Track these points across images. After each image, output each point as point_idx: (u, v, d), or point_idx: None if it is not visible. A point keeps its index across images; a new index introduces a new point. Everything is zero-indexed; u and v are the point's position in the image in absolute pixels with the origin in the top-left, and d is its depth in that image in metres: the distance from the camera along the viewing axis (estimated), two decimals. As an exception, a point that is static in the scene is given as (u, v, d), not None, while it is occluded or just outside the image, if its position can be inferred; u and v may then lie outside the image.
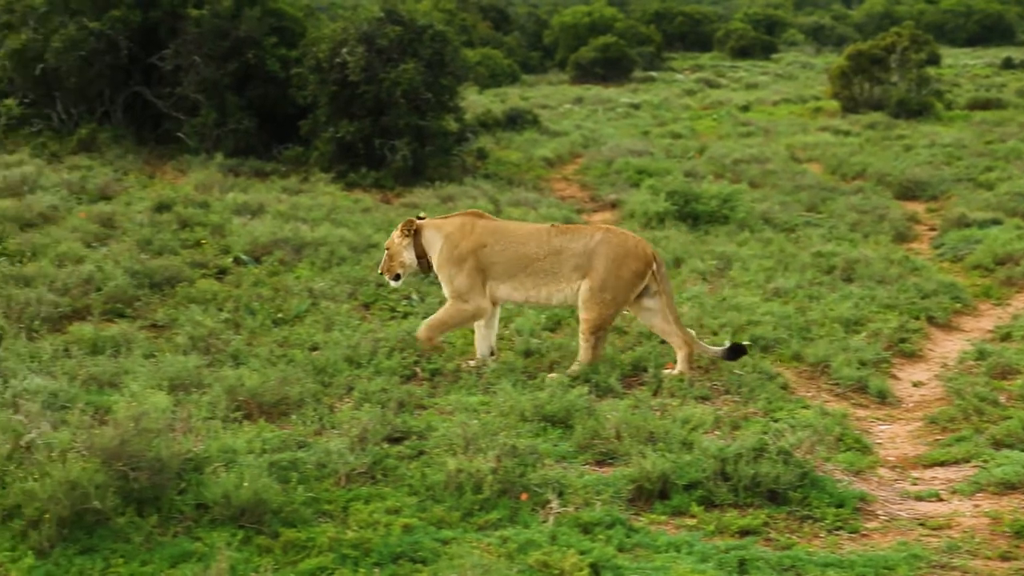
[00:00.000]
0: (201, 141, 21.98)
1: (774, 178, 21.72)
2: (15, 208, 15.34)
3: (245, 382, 8.79)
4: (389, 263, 10.70)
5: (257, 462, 7.16)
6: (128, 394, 8.16)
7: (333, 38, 21.78)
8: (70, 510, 6.20)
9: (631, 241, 10.36)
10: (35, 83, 22.97)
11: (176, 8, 22.68)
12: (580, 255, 10.22)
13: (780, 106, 36.71)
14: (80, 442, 6.71)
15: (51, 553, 6.10)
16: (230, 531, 6.44)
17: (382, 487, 7.33)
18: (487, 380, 9.69)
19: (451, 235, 10.46)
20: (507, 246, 10.34)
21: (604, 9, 53.18)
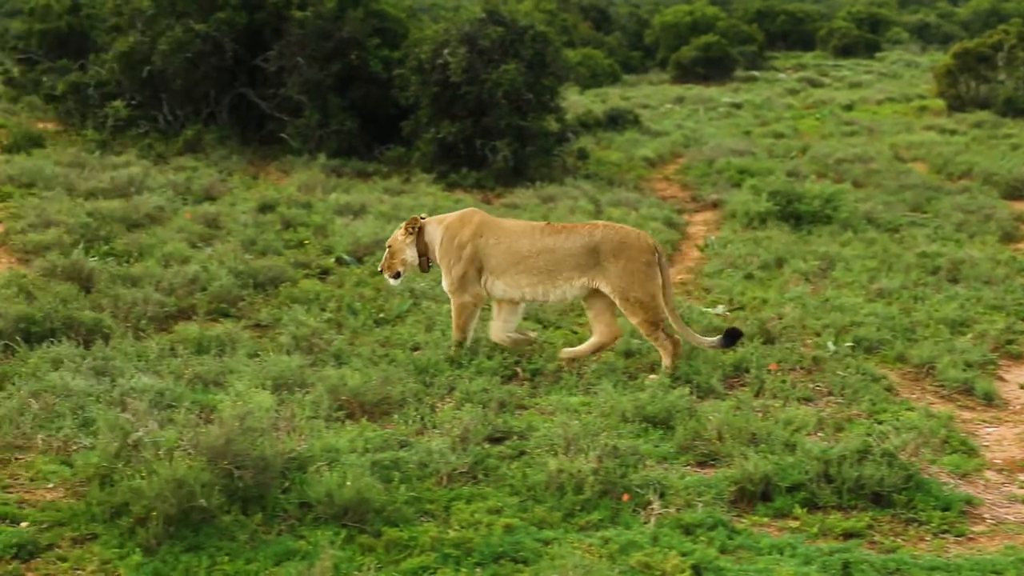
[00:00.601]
0: (304, 142, 22.17)
1: (878, 177, 21.46)
2: (123, 209, 15.57)
3: (347, 381, 8.84)
4: (390, 261, 10.78)
5: (360, 461, 7.20)
6: (233, 393, 8.25)
7: (435, 39, 21.86)
8: (177, 508, 6.28)
9: (632, 234, 10.36)
10: (142, 85, 23.31)
11: (280, 10, 22.89)
12: (579, 254, 10.22)
13: (884, 105, 36.28)
14: (186, 441, 6.79)
15: (158, 550, 6.18)
16: (333, 530, 6.49)
17: (483, 487, 7.34)
18: (588, 380, 9.67)
19: (450, 226, 10.57)
20: (500, 241, 10.40)
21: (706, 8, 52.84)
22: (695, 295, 13.22)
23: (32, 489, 7.04)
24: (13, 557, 6.14)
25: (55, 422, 7.81)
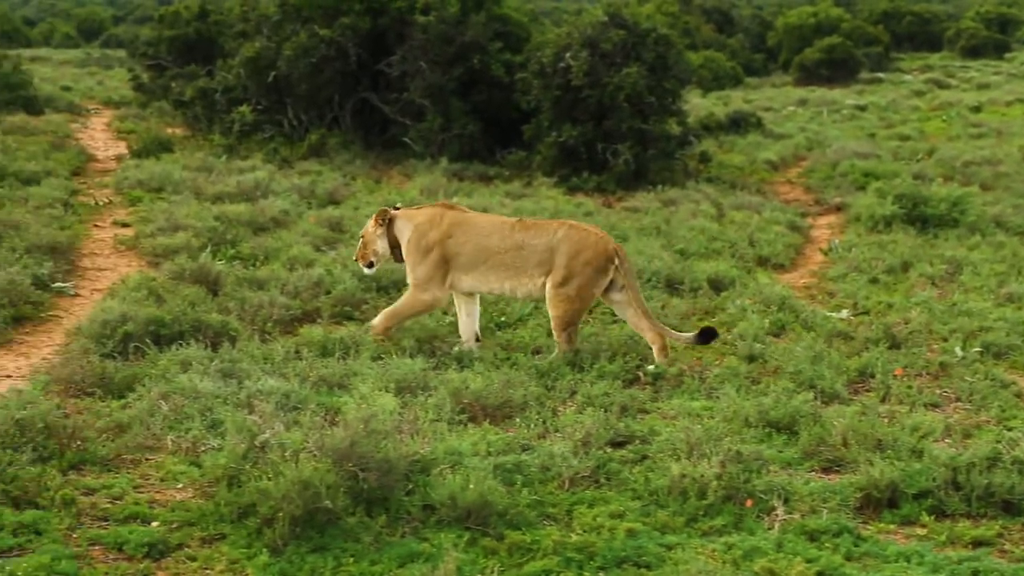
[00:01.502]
0: (426, 146, 22.32)
1: (1007, 180, 21.06)
2: (249, 212, 15.79)
3: (470, 385, 8.88)
4: (363, 251, 11.04)
5: (482, 464, 7.23)
6: (357, 396, 8.33)
7: (557, 43, 21.89)
8: (302, 509, 6.35)
9: (592, 236, 10.47)
10: (267, 90, 23.63)
11: (404, 15, 23.06)
12: (543, 251, 10.39)
13: (1014, 106, 35.60)
14: (312, 442, 6.87)
15: (284, 551, 6.25)
16: (456, 532, 6.52)
17: (606, 491, 7.33)
18: (710, 385, 9.62)
19: (420, 225, 10.70)
20: (470, 238, 10.55)
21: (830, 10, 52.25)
22: (819, 299, 13.08)
23: (162, 489, 7.16)
24: (145, 556, 6.26)
25: (184, 423, 7.94)
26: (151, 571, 6.14)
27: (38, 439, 7.30)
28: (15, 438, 7.19)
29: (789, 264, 15.25)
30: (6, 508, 6.56)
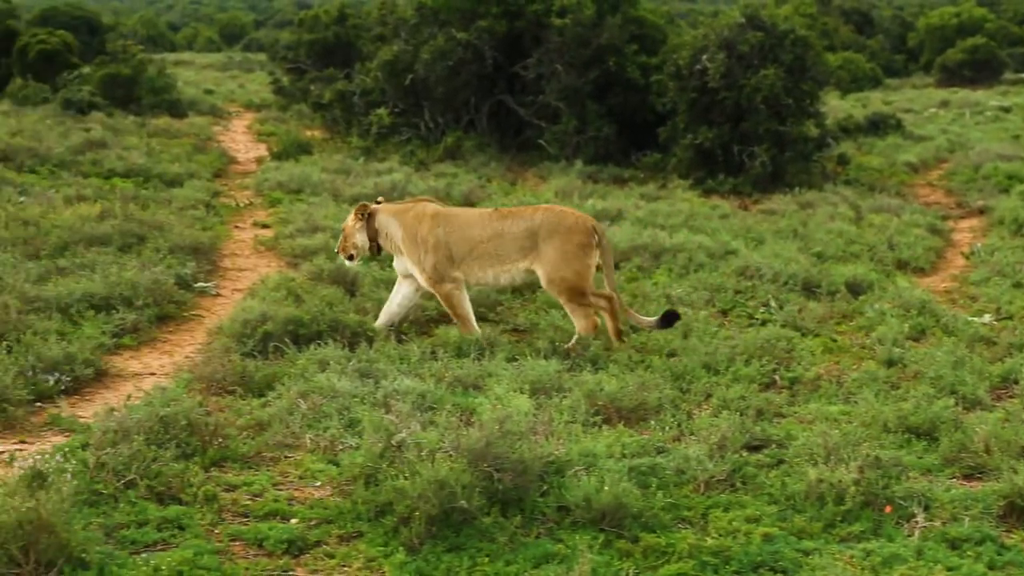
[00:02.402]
0: (561, 148, 22.35)
1: None
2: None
3: (604, 387, 8.87)
4: (344, 244, 11.34)
5: (617, 466, 7.22)
6: (492, 397, 8.36)
7: (693, 45, 21.81)
8: (438, 508, 6.39)
9: (571, 217, 10.71)
10: (405, 93, 23.84)
11: (540, 18, 23.12)
12: (523, 237, 10.63)
13: None
14: (447, 442, 6.92)
15: (421, 550, 6.30)
16: (591, 534, 6.52)
17: (741, 495, 7.28)
18: (848, 389, 9.50)
19: (407, 223, 10.94)
20: (454, 230, 10.78)
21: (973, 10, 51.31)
22: (960, 303, 12.87)
23: (301, 487, 7.26)
24: (284, 552, 6.35)
25: (322, 422, 8.04)
26: (290, 567, 6.23)
27: (181, 436, 7.44)
28: (159, 435, 7.33)
29: (929, 268, 15.01)
30: (150, 503, 6.70)
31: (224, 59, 57.34)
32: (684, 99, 21.57)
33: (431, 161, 22.13)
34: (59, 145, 21.44)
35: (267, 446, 7.80)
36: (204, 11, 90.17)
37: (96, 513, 6.52)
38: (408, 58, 23.79)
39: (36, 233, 13.70)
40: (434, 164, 21.84)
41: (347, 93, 25.32)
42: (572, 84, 22.60)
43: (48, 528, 5.79)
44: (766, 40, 21.36)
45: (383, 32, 26.32)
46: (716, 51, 21.27)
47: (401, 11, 25.41)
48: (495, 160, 22.31)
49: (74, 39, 33.90)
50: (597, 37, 22.66)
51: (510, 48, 23.53)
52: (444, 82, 23.31)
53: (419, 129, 23.86)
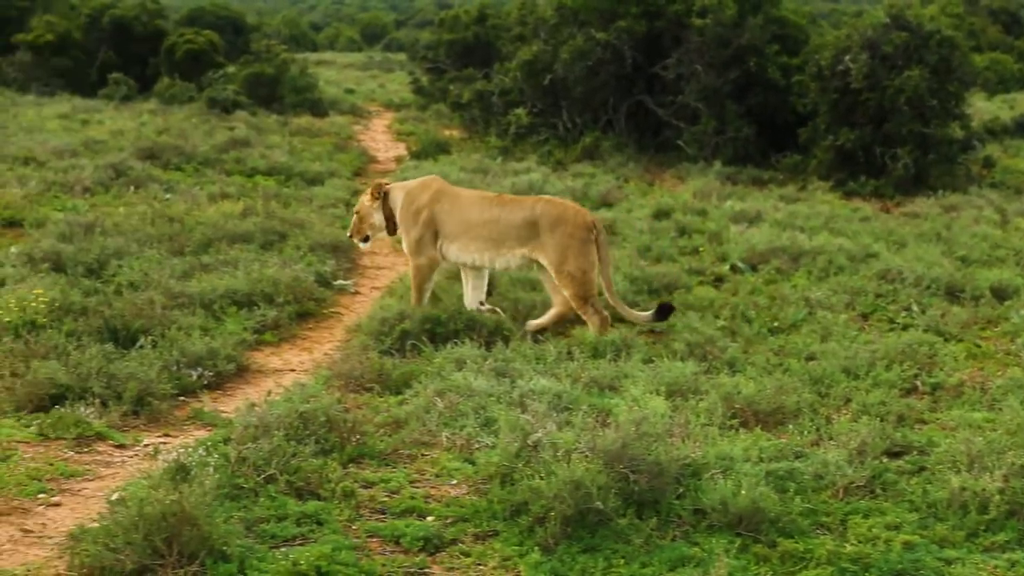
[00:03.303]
0: (700, 149, 22.24)
1: None
2: (523, 214, 15.95)
3: (741, 390, 8.80)
4: (359, 225, 11.50)
5: (754, 470, 7.15)
6: (628, 398, 8.34)
7: (836, 45, 21.56)
8: (574, 509, 6.39)
9: (570, 209, 10.93)
10: (543, 93, 23.89)
11: (680, 18, 23.03)
12: (520, 226, 10.82)
13: None
14: (583, 443, 6.91)
15: (556, 550, 6.30)
16: (727, 538, 6.47)
17: (881, 502, 7.16)
18: (992, 396, 9.31)
19: (411, 192, 11.27)
20: (454, 208, 11.07)
21: (1125, 8, 50.03)
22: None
23: (437, 485, 7.29)
24: (420, 550, 6.38)
25: (458, 421, 8.07)
26: (426, 565, 6.26)
27: (320, 432, 7.52)
28: (299, 431, 7.41)
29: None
30: (290, 498, 6.78)
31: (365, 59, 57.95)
32: (825, 100, 21.33)
33: (568, 161, 22.15)
34: (204, 143, 21.85)
35: (404, 443, 7.85)
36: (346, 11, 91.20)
37: (237, 507, 6.61)
38: (547, 58, 23.84)
39: (181, 230, 13.97)
40: (571, 164, 21.85)
41: (486, 93, 25.45)
42: (712, 84, 22.48)
43: (191, 521, 5.89)
44: (911, 40, 21.04)
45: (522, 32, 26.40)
46: (859, 51, 21.01)
47: (541, 11, 25.47)
48: (633, 161, 22.26)
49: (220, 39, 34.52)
50: (738, 37, 22.50)
51: (650, 48, 23.45)
52: (583, 82, 23.32)
53: (557, 129, 23.89)
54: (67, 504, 6.90)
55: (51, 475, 7.27)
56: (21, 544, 6.31)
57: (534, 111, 24.09)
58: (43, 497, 6.95)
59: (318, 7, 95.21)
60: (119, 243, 12.85)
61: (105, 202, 16.53)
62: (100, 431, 8.03)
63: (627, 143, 23.25)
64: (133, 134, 23.43)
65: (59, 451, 7.70)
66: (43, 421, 8.06)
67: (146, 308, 10.33)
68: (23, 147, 20.35)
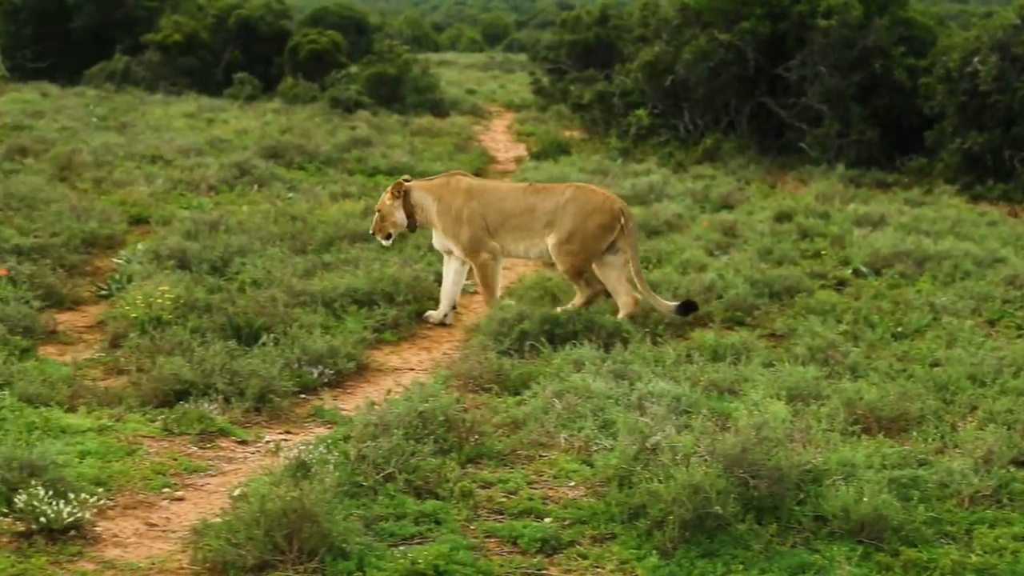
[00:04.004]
0: (823, 151, 22.01)
1: None
2: (643, 215, 15.91)
3: (864, 395, 8.67)
4: (381, 223, 11.61)
5: (876, 477, 7.04)
6: (748, 402, 8.25)
7: (965, 47, 21.22)
8: (692, 513, 6.34)
9: (599, 197, 11.20)
10: (664, 94, 23.82)
11: (805, 19, 22.81)
12: (551, 212, 11.09)
13: None
14: (703, 447, 6.86)
15: (674, 554, 6.26)
16: (849, 546, 6.38)
17: (1008, 512, 7.00)
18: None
19: (442, 197, 11.36)
20: (489, 202, 11.26)
21: None
22: None
23: (555, 486, 7.28)
24: (538, 551, 6.37)
25: (577, 422, 8.05)
26: (544, 566, 6.25)
27: (439, 431, 7.54)
28: (418, 430, 7.44)
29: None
30: (408, 497, 6.81)
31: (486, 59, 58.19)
32: (953, 102, 21.00)
33: (689, 163, 22.05)
34: (326, 143, 22.08)
35: (522, 444, 7.85)
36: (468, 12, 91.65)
37: (356, 504, 6.65)
38: (669, 59, 23.76)
39: (303, 228, 14.12)
40: (692, 166, 21.76)
41: (607, 94, 25.42)
42: (836, 86, 22.23)
43: (311, 517, 5.94)
44: (1044, 41, 20.66)
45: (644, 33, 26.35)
46: (988, 53, 20.64)
47: (663, 12, 25.39)
48: (754, 163, 22.10)
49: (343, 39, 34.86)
50: (863, 39, 22.23)
51: (773, 50, 23.27)
52: (705, 83, 23.20)
53: (678, 131, 23.80)
54: (190, 499, 7.00)
55: (175, 470, 7.38)
56: (146, 537, 6.41)
57: (655, 112, 24.01)
58: (167, 491, 7.06)
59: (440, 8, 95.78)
60: (243, 241, 13.02)
61: (229, 200, 16.77)
62: (223, 427, 8.14)
63: (749, 145, 23.09)
64: (257, 133, 23.74)
65: (183, 446, 7.82)
66: (168, 416, 8.19)
67: (268, 306, 10.45)
68: (150, 145, 20.70)
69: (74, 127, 23.30)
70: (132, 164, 18.89)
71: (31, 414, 7.83)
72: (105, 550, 6.20)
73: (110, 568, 6.00)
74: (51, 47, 35.92)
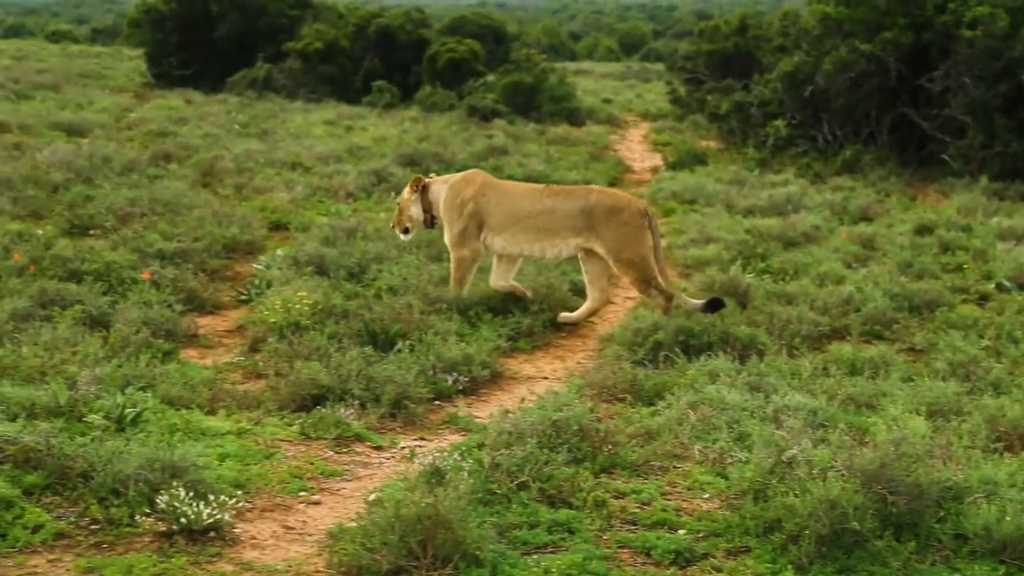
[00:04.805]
0: (966, 163, 21.61)
1: None
2: (779, 227, 15.78)
3: (1007, 412, 8.50)
4: (399, 218, 11.91)
5: (1020, 496, 6.89)
6: (887, 417, 8.13)
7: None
8: (829, 528, 6.26)
9: (623, 198, 11.40)
10: (803, 104, 23.58)
11: (949, 29, 22.42)
12: (576, 215, 11.19)
13: None
14: (840, 461, 6.77)
15: (810, 569, 6.18)
16: (990, 565, 6.25)
17: None
18: None
19: (455, 185, 11.64)
20: (502, 200, 11.42)
21: None
22: None
23: (689, 498, 7.24)
24: (671, 563, 6.34)
25: (711, 434, 8.00)
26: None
27: (572, 440, 7.53)
28: (551, 438, 7.44)
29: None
30: (542, 505, 6.82)
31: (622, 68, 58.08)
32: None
33: (827, 174, 21.79)
34: (463, 151, 22.20)
35: (656, 455, 7.81)
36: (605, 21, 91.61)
37: (490, 512, 6.68)
38: (808, 69, 23.51)
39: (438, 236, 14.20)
40: (830, 177, 21.50)
41: (744, 104, 25.23)
42: (980, 97, 21.81)
43: (445, 524, 5.97)
44: None
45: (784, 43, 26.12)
46: None
47: (804, 22, 25.15)
48: (895, 175, 21.77)
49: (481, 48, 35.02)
50: (1010, 49, 21.78)
51: (915, 60, 22.90)
52: (844, 94, 22.91)
53: (816, 141, 23.54)
54: (326, 503, 7.08)
55: (311, 474, 7.47)
56: (283, 540, 6.50)
57: (793, 123, 23.78)
58: (304, 495, 7.14)
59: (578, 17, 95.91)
60: (379, 248, 13.15)
61: (367, 207, 16.95)
62: (358, 432, 8.22)
63: (889, 156, 22.74)
64: (395, 141, 23.94)
65: (319, 451, 7.91)
66: (305, 421, 8.30)
67: (404, 312, 10.54)
68: (290, 152, 20.99)
69: (217, 134, 23.71)
70: (272, 171, 19.17)
71: (173, 416, 7.98)
72: (243, 552, 6.30)
73: (248, 570, 6.09)
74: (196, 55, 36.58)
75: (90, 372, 8.40)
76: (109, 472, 6.60)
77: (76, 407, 7.74)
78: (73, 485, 6.68)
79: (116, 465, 6.63)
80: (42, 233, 13.15)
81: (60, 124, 23.00)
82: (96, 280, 11.27)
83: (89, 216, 14.32)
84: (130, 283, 11.38)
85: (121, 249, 12.48)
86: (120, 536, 6.32)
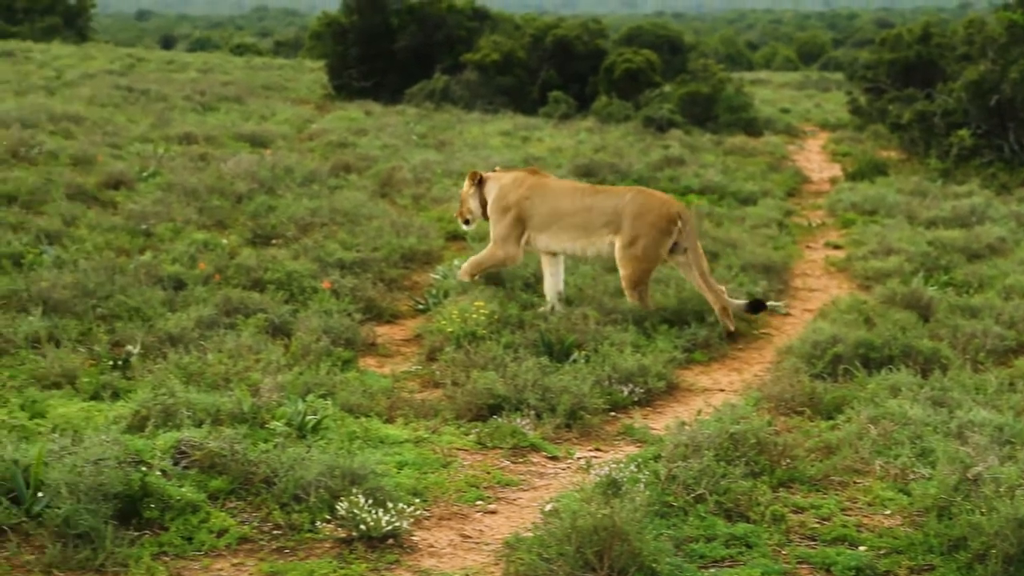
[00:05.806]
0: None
1: None
2: (963, 238, 15.44)
3: None
4: (461, 209, 12.29)
5: None
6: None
7: None
8: (1017, 548, 6.09)
9: (657, 200, 11.58)
10: (989, 114, 23.04)
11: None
12: (610, 213, 11.44)
13: None
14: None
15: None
16: None
17: None
18: None
19: (504, 186, 11.83)
20: (546, 200, 11.62)
21: None
22: None
23: (869, 514, 7.11)
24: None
25: (893, 449, 7.85)
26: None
27: (750, 454, 7.45)
28: (728, 451, 7.38)
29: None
30: (719, 519, 6.76)
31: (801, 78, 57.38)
32: None
33: (1014, 185, 21.26)
34: (639, 161, 22.14)
35: (835, 470, 7.69)
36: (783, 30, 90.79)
37: (666, 525, 6.64)
38: (995, 78, 22.97)
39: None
40: (1017, 188, 20.96)
41: (927, 113, 24.73)
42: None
43: (622, 536, 5.95)
44: None
45: (969, 51, 25.57)
46: None
47: (990, 29, 24.59)
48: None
49: (657, 58, 34.89)
50: None
51: None
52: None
53: (1002, 152, 22.98)
54: (503, 512, 7.12)
55: (488, 483, 7.51)
56: (460, 548, 6.54)
57: (978, 133, 23.25)
58: (480, 504, 7.18)
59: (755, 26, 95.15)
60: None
61: (543, 218, 16.96)
62: (534, 442, 8.24)
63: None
64: (571, 151, 23.97)
65: (496, 460, 7.95)
66: (481, 430, 8.35)
67: (580, 323, 10.56)
68: (467, 163, 21.13)
69: (395, 144, 23.99)
70: (449, 181, 19.31)
71: (352, 424, 8.09)
72: (421, 560, 6.35)
73: (425, 577, 6.15)
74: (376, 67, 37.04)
75: (272, 379, 8.57)
76: (291, 478, 6.72)
77: (259, 414, 7.90)
78: (256, 491, 6.81)
79: (297, 471, 6.75)
80: (227, 243, 13.42)
81: (244, 135, 23.47)
82: (278, 289, 11.49)
83: (271, 226, 14.60)
84: (311, 292, 11.57)
85: (302, 258, 12.69)
86: (301, 541, 6.42)
